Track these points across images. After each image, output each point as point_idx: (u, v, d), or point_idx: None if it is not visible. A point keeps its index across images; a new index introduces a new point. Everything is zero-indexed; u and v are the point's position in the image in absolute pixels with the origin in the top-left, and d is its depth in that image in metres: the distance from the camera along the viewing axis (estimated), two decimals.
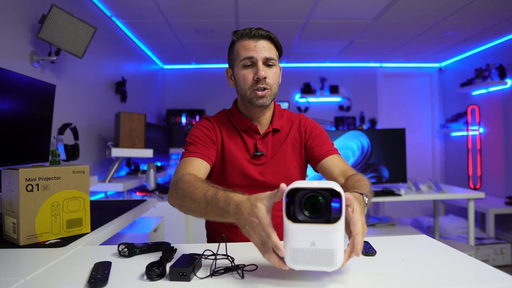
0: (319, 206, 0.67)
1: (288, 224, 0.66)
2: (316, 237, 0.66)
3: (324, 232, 0.66)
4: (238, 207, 0.73)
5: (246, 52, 1.10)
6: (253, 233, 0.69)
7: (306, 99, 4.90)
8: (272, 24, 3.25)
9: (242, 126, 1.20)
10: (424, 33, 3.56)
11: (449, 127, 4.74)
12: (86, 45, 2.08)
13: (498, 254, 3.33)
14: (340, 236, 0.66)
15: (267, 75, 1.10)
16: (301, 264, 0.67)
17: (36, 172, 1.01)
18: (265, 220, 0.68)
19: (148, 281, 0.71)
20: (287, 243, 0.67)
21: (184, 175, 0.98)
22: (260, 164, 1.19)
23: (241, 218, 0.71)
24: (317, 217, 0.66)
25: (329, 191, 0.66)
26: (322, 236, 0.66)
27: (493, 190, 4.01)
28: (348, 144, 2.91)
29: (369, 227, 3.05)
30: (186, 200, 0.89)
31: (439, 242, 0.97)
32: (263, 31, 1.11)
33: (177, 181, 0.96)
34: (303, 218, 0.66)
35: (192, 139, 1.15)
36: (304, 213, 0.67)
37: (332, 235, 0.65)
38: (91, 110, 2.65)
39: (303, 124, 1.24)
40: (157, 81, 4.64)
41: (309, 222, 0.66)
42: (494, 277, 0.71)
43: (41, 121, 1.74)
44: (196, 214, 0.88)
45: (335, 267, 0.66)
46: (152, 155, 2.66)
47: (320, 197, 0.66)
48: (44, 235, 1.03)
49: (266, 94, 1.12)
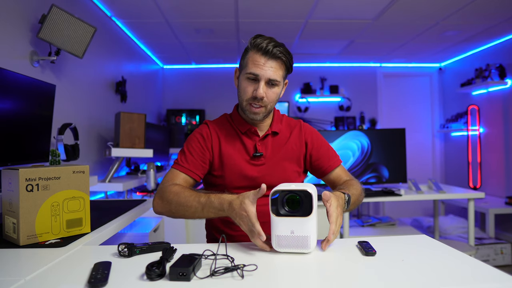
0: (296, 204, 0.88)
1: (273, 217, 0.88)
2: (295, 227, 0.87)
3: (300, 223, 0.87)
4: (230, 205, 0.94)
5: (253, 67, 1.11)
6: (243, 223, 0.91)
7: (306, 99, 4.90)
8: (272, 24, 3.25)
9: (242, 128, 1.22)
10: (424, 33, 3.56)
11: (449, 127, 4.74)
12: (86, 45, 2.08)
13: (498, 254, 3.33)
14: (313, 226, 0.87)
15: (265, 95, 1.13)
16: (284, 247, 0.88)
17: (36, 172, 1.01)
18: (251, 213, 0.88)
19: (148, 281, 0.71)
20: (273, 231, 0.88)
21: (169, 185, 1.10)
22: (259, 164, 1.21)
23: (233, 212, 0.93)
24: (295, 211, 0.88)
25: (303, 192, 0.87)
26: (299, 226, 0.87)
27: (493, 190, 4.01)
28: (348, 144, 2.91)
29: (369, 227, 3.05)
30: (180, 208, 1.04)
31: (439, 242, 0.97)
32: (277, 51, 1.10)
33: (164, 192, 1.09)
34: (284, 213, 0.88)
35: (187, 148, 1.20)
36: (285, 208, 0.88)
37: (306, 225, 0.86)
38: (91, 110, 2.65)
39: (304, 132, 1.27)
40: (157, 81, 4.64)
41: (289, 215, 0.87)
42: (494, 277, 0.71)
43: (41, 121, 1.74)
44: (192, 217, 1.04)
45: (310, 249, 0.87)
46: (152, 155, 2.66)
47: (298, 196, 0.88)
48: (44, 235, 1.03)
49: (260, 111, 1.16)
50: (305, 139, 1.27)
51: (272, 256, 0.88)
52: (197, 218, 1.05)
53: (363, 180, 2.90)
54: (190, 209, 1.02)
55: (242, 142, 1.22)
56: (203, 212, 1.01)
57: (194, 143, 1.20)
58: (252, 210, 0.88)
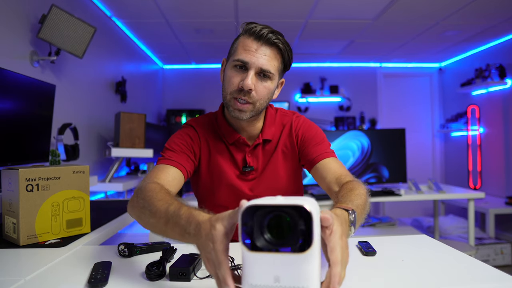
0: (285, 229, 0.50)
1: (245, 252, 0.50)
2: (281, 271, 0.49)
3: (290, 263, 0.49)
4: (198, 228, 0.60)
5: (243, 52, 0.92)
6: (207, 261, 0.57)
7: (306, 99, 4.90)
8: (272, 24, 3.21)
9: (229, 139, 1.05)
10: (424, 33, 3.56)
11: (449, 127, 4.74)
12: (86, 45, 2.08)
13: (498, 254, 3.33)
14: (312, 269, 0.49)
15: (254, 87, 0.92)
16: None
17: (36, 172, 1.01)
18: (219, 245, 0.54)
19: (148, 281, 0.71)
20: (245, 277, 0.51)
21: (148, 183, 0.86)
22: (250, 179, 1.07)
23: (199, 240, 0.59)
24: (282, 243, 0.49)
25: (297, 209, 0.48)
26: (289, 269, 0.49)
27: (493, 190, 4.01)
28: (348, 144, 2.91)
29: (369, 227, 3.05)
30: (145, 212, 0.76)
31: (439, 242, 0.97)
32: (272, 36, 0.93)
33: (140, 189, 0.84)
34: (264, 245, 0.49)
35: (170, 146, 1.02)
36: (265, 237, 0.50)
37: (301, 268, 0.49)
38: (91, 110, 2.65)
39: (295, 128, 1.09)
40: (157, 81, 4.64)
41: (272, 250, 0.49)
42: (494, 277, 0.71)
43: (41, 121, 1.74)
44: (155, 230, 0.75)
45: None
46: (152, 155, 2.66)
47: (288, 218, 0.49)
48: (44, 235, 1.03)
49: (246, 109, 0.95)
50: (296, 133, 1.08)
51: None
52: (160, 235, 0.74)
53: (363, 180, 2.90)
54: (153, 217, 0.73)
55: (230, 153, 1.06)
56: (166, 227, 0.70)
57: (178, 141, 1.03)
58: (223, 241, 0.55)
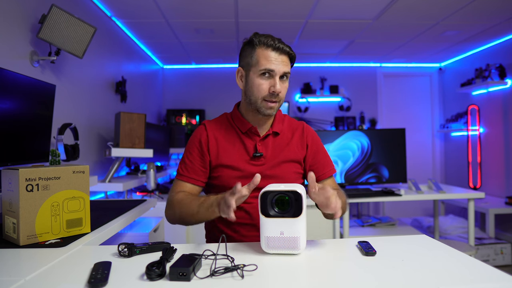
0: (286, 204, 0.87)
1: (263, 218, 0.87)
2: (284, 228, 0.86)
3: (290, 224, 0.86)
4: (216, 199, 1.01)
5: (268, 63, 1.13)
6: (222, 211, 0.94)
7: (306, 99, 4.90)
8: (272, 24, 3.25)
9: (242, 128, 1.23)
10: (424, 33, 3.56)
11: (449, 127, 4.74)
12: (86, 45, 2.08)
13: (498, 254, 3.33)
14: (302, 227, 0.86)
15: (281, 89, 1.15)
16: (273, 248, 0.87)
17: (36, 172, 1.01)
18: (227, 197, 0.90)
19: (148, 281, 0.71)
20: (262, 232, 0.88)
21: (175, 194, 1.18)
22: (259, 164, 1.21)
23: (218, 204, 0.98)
24: (285, 212, 0.87)
25: (293, 193, 0.86)
26: (289, 227, 0.86)
27: (493, 190, 4.01)
28: (348, 144, 2.90)
29: (369, 227, 3.05)
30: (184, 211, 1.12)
31: (439, 242, 0.97)
32: (286, 47, 1.15)
33: (172, 201, 1.17)
34: (274, 213, 0.87)
35: (187, 156, 1.24)
36: (274, 209, 0.87)
37: (296, 226, 0.86)
38: (91, 110, 2.65)
39: (306, 135, 1.28)
40: (157, 81, 4.64)
41: (279, 216, 0.87)
42: (494, 277, 0.71)
43: (41, 121, 1.74)
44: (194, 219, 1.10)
45: (299, 250, 0.86)
46: (152, 155, 2.66)
47: (287, 197, 0.87)
48: (44, 235, 1.03)
49: (275, 106, 1.18)
50: (307, 141, 1.28)
51: (272, 256, 0.88)
52: (199, 220, 1.10)
53: (363, 180, 2.90)
54: (192, 211, 1.08)
55: (242, 141, 1.23)
56: (199, 208, 1.05)
57: (192, 150, 1.23)
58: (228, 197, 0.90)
